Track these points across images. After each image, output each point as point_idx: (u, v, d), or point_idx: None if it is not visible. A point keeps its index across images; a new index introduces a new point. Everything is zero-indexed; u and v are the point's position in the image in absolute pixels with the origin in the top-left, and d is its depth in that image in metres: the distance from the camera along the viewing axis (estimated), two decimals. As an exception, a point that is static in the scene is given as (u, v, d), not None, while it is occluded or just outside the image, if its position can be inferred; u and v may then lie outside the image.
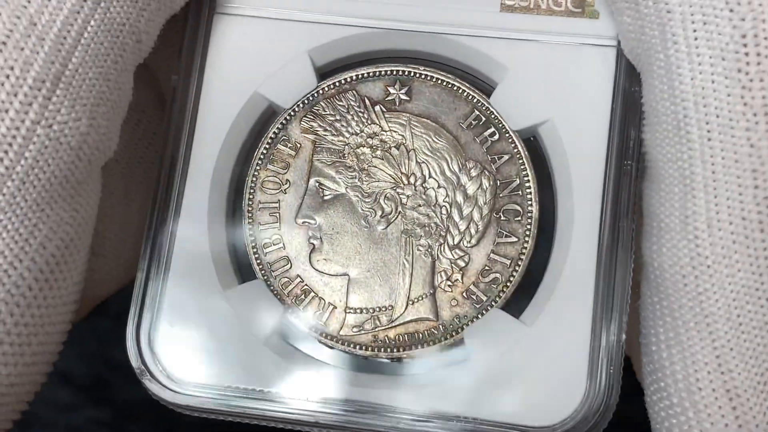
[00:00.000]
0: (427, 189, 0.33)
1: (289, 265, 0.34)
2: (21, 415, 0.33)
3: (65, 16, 0.30)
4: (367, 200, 0.34)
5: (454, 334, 0.33)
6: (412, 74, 0.34)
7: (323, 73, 0.35)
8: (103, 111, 0.32)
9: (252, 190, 0.34)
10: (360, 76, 0.35)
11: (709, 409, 0.29)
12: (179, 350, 0.33)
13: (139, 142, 0.39)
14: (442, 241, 0.33)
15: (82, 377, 0.46)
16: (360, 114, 0.34)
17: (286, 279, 0.34)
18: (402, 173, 0.34)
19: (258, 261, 0.34)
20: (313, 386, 0.32)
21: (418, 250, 0.33)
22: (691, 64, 0.29)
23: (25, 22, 0.29)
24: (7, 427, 0.32)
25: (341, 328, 0.33)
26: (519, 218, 0.33)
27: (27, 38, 0.29)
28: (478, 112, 0.34)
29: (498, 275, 0.33)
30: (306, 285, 0.33)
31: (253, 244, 0.34)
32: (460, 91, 0.34)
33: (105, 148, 0.33)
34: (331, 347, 0.33)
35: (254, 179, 0.34)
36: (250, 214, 0.34)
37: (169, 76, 0.37)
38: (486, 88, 0.34)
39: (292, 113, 0.35)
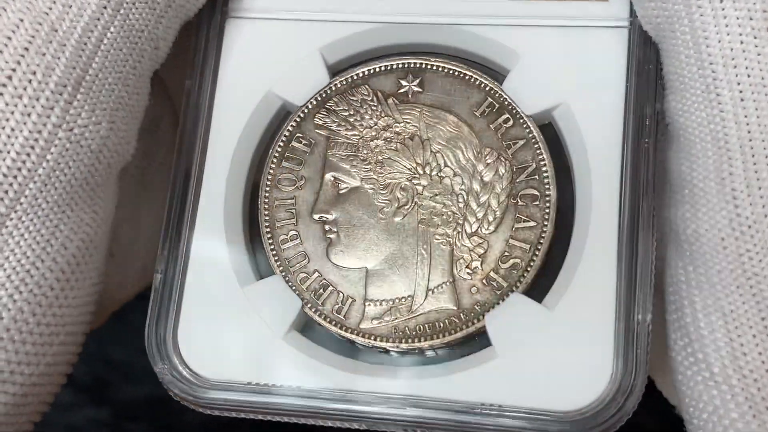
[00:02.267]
0: (443, 178, 0.33)
1: (306, 260, 0.33)
2: (42, 417, 0.33)
3: (86, 23, 0.31)
4: (382, 192, 0.33)
5: (475, 321, 0.32)
6: (423, 66, 0.34)
7: (335, 71, 0.35)
8: (122, 115, 0.33)
9: (268, 188, 0.34)
10: (372, 70, 0.35)
11: (755, 374, 0.28)
12: (200, 349, 0.33)
13: (156, 149, 0.40)
14: (460, 230, 0.33)
15: (81, 377, 0.46)
16: (373, 108, 0.34)
17: (304, 274, 0.33)
18: (417, 163, 0.33)
19: (276, 257, 0.34)
20: (334, 380, 0.32)
21: (436, 239, 0.33)
22: (718, 26, 0.29)
23: (46, 29, 0.30)
24: (28, 429, 0.32)
25: (361, 320, 0.33)
26: (537, 203, 0.33)
27: (48, 44, 0.30)
28: (491, 99, 0.34)
29: (518, 260, 0.32)
30: (324, 279, 0.33)
31: (270, 241, 0.34)
32: (473, 79, 0.34)
33: (123, 152, 0.34)
34: (352, 341, 0.33)
35: (270, 177, 0.34)
36: (266, 212, 0.34)
37: (181, 84, 0.38)
38: (498, 76, 0.34)
39: (305, 110, 0.35)
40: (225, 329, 0.33)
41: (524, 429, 0.30)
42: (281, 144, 0.35)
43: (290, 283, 0.33)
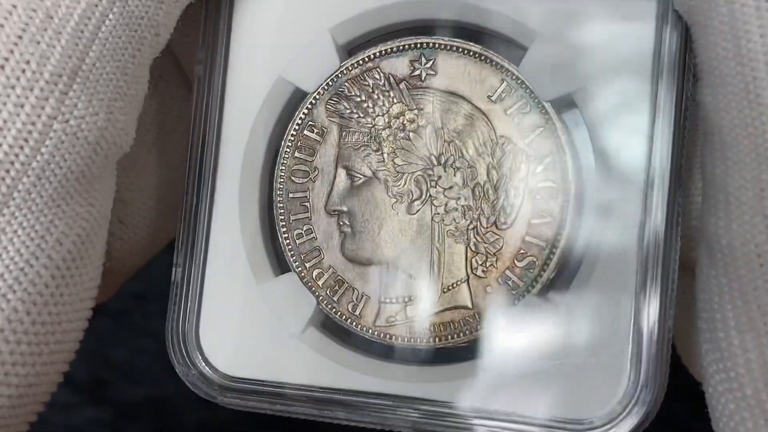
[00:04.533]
0: (458, 169, 0.32)
1: (321, 256, 0.33)
2: (37, 417, 0.32)
3: (83, 9, 0.29)
4: (396, 185, 0.32)
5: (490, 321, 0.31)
6: (436, 45, 0.32)
7: (347, 51, 0.33)
8: (121, 105, 0.32)
9: (282, 180, 0.33)
10: (383, 52, 0.33)
11: None
12: (218, 347, 0.33)
13: (159, 108, 0.38)
14: (475, 224, 0.31)
15: (81, 377, 0.45)
16: (385, 93, 0.33)
17: (319, 270, 0.33)
18: (431, 154, 0.32)
19: (291, 253, 0.33)
20: (349, 379, 0.32)
21: (450, 234, 0.32)
22: (761, 20, 0.26)
23: (41, 16, 0.29)
24: (23, 430, 0.32)
25: (375, 319, 0.32)
26: (555, 196, 0.31)
27: (43, 32, 0.29)
28: (507, 83, 0.31)
29: (534, 258, 0.31)
30: (339, 275, 0.33)
31: (286, 236, 0.33)
32: (488, 60, 0.32)
33: (122, 143, 0.33)
34: (367, 339, 0.32)
35: (283, 168, 0.33)
36: (281, 205, 0.33)
37: (183, 41, 0.36)
38: (515, 54, 0.32)
39: (317, 96, 0.33)
40: (243, 327, 0.33)
41: (538, 435, 0.30)
42: (293, 133, 0.33)
43: (305, 280, 0.33)
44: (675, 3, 0.29)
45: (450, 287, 0.32)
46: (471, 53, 0.32)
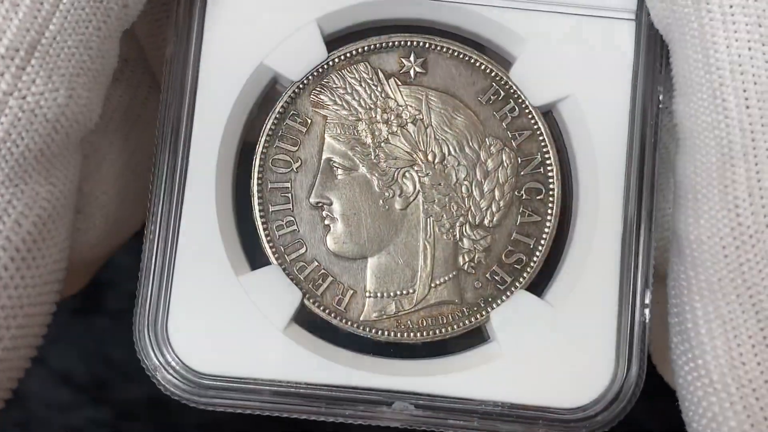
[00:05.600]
0: (447, 167, 0.32)
1: (304, 249, 0.32)
2: (5, 404, 0.31)
3: None
4: (384, 179, 0.32)
5: (478, 316, 0.32)
6: (427, 45, 0.33)
7: (332, 41, 0.33)
8: (84, 81, 0.30)
9: (261, 170, 0.32)
10: (372, 46, 0.33)
11: (754, 384, 0.29)
12: (193, 343, 0.31)
13: (123, 94, 0.36)
14: (464, 221, 0.32)
15: (80, 377, 0.45)
16: (373, 87, 0.33)
17: (302, 263, 0.32)
18: (420, 151, 0.32)
19: (271, 245, 0.32)
20: (335, 375, 0.31)
21: (439, 231, 0.32)
22: (727, 32, 0.29)
23: None
24: None
25: (362, 313, 0.32)
26: (541, 197, 0.32)
27: None
28: (497, 87, 0.33)
29: (522, 255, 0.32)
30: (323, 269, 0.32)
31: (265, 227, 0.32)
32: (478, 64, 0.33)
33: (85, 120, 0.31)
34: (353, 333, 0.32)
35: (263, 158, 0.32)
36: (260, 196, 0.32)
37: (148, 24, 0.34)
38: (504, 61, 0.33)
39: (301, 86, 0.33)
40: (221, 321, 0.31)
41: (526, 426, 0.31)
42: (274, 122, 0.32)
43: (288, 273, 0.32)
44: (654, 20, 0.32)
45: (439, 282, 0.32)
46: (462, 56, 0.33)
